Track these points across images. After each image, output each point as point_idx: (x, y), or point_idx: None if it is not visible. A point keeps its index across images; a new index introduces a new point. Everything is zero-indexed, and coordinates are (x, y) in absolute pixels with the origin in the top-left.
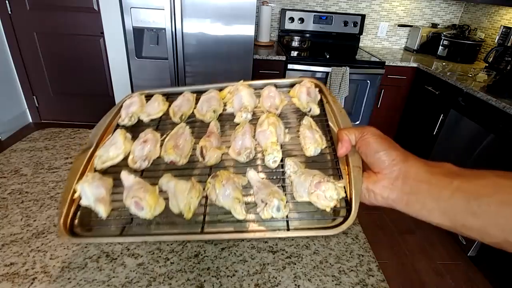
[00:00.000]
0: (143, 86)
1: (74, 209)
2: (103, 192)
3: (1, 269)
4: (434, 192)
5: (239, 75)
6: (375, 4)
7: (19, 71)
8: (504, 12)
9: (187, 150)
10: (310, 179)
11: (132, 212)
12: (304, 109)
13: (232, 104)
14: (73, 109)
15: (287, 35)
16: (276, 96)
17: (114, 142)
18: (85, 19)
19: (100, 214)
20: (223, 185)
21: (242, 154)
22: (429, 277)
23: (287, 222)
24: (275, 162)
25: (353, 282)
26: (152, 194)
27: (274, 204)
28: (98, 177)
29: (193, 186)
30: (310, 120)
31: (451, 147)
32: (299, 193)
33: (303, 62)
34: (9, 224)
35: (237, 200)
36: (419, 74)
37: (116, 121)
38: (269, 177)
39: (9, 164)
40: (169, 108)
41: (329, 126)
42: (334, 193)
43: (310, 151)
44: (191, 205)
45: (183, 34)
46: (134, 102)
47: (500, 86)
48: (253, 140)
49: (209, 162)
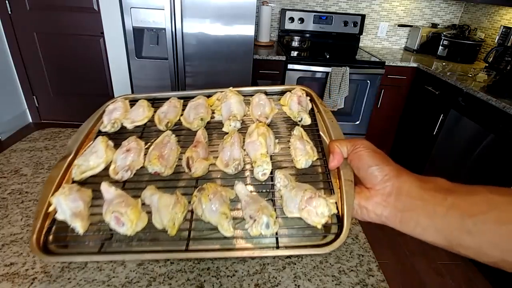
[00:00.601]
0: (143, 86)
1: (48, 223)
2: (81, 206)
3: (1, 269)
4: (428, 209)
5: (239, 75)
6: (375, 4)
7: (19, 71)
8: (504, 12)
9: (173, 161)
10: (301, 194)
11: (112, 227)
12: (295, 118)
13: (220, 112)
14: (73, 109)
15: (287, 35)
16: (266, 104)
17: (95, 150)
18: (85, 19)
19: (77, 230)
20: (209, 199)
21: (231, 166)
22: (429, 277)
23: (276, 239)
24: (264, 175)
25: (353, 282)
26: (134, 209)
27: (263, 221)
28: (75, 189)
29: (177, 200)
30: (301, 131)
31: (451, 147)
32: (290, 209)
33: (303, 62)
34: (9, 224)
35: (225, 215)
36: (419, 74)
37: (97, 127)
38: (258, 190)
39: (9, 164)
40: (155, 115)
41: (320, 136)
42: (325, 210)
43: (301, 164)
44: (175, 221)
45: (183, 34)
46: (118, 107)
47: (500, 86)
48: (242, 150)
49: (195, 173)
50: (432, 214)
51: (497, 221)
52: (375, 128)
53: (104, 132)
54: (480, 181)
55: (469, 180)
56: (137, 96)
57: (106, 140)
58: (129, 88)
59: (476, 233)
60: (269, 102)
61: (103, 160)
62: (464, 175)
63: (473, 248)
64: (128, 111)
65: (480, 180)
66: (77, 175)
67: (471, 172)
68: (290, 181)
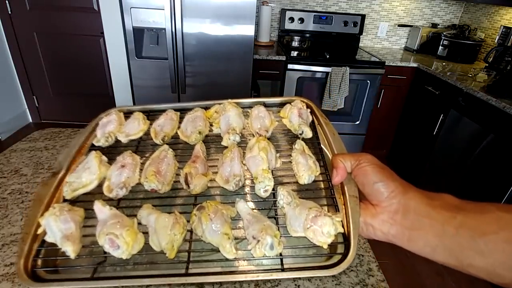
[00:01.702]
0: (143, 86)
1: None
2: (72, 227)
3: (1, 269)
4: (437, 228)
5: (239, 75)
6: (375, 4)
7: (19, 71)
8: (504, 12)
9: (170, 177)
10: (306, 213)
11: (106, 250)
12: (295, 131)
13: (219, 125)
14: (73, 109)
15: (287, 35)
16: (265, 117)
17: (88, 166)
18: (85, 19)
19: (68, 253)
20: (210, 219)
21: (231, 182)
22: (430, 278)
23: (281, 260)
24: (266, 192)
25: (353, 282)
26: (130, 230)
27: (267, 241)
28: (66, 209)
29: (176, 220)
30: (302, 144)
31: (451, 147)
32: (294, 228)
33: (303, 62)
34: (9, 224)
35: (226, 236)
36: (419, 74)
37: (90, 141)
38: (259, 207)
39: (9, 164)
40: (151, 128)
41: (322, 150)
42: (332, 229)
43: (303, 179)
44: (174, 243)
45: (183, 34)
46: (112, 120)
47: (500, 86)
48: (242, 165)
49: (194, 190)
50: (442, 233)
51: (508, 240)
52: (375, 128)
53: (97, 147)
54: (480, 181)
55: (469, 180)
56: (132, 108)
57: (100, 155)
58: (129, 88)
59: (487, 253)
60: (269, 114)
61: (96, 176)
62: (464, 175)
63: (485, 269)
64: (122, 124)
65: (480, 180)
66: (68, 193)
67: (471, 172)
68: (294, 198)
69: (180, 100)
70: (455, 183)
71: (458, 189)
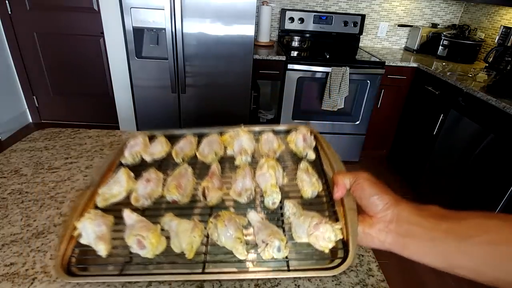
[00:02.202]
0: (143, 86)
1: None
2: (104, 230)
3: (1, 269)
4: (427, 234)
5: (239, 75)
6: (375, 4)
7: (19, 71)
8: (504, 12)
9: (189, 190)
10: (309, 221)
11: (133, 250)
12: (300, 154)
13: (232, 147)
14: (73, 109)
15: (287, 35)
16: (274, 141)
17: (118, 180)
18: (85, 19)
19: (101, 252)
20: (225, 225)
21: (243, 195)
22: (429, 277)
23: (287, 262)
24: (274, 204)
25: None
26: (154, 233)
27: (275, 244)
28: (100, 214)
29: (195, 225)
30: (306, 165)
31: (451, 147)
32: (298, 234)
33: (303, 62)
34: (9, 224)
35: (239, 240)
36: (419, 74)
37: (119, 160)
38: (268, 217)
39: (9, 164)
40: (172, 150)
41: (324, 170)
42: (332, 235)
43: (307, 194)
44: (193, 244)
45: (183, 34)
46: (138, 142)
47: (500, 86)
48: (253, 182)
49: (210, 202)
50: (432, 238)
51: (490, 242)
52: (375, 128)
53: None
54: (480, 181)
55: (469, 180)
56: (154, 132)
57: (128, 171)
58: (129, 88)
59: (472, 254)
60: (277, 139)
61: (124, 189)
62: (464, 175)
63: (471, 269)
64: (147, 145)
65: (480, 180)
66: (101, 202)
67: (471, 172)
68: (298, 209)
69: (180, 100)
70: (455, 183)
71: (458, 189)
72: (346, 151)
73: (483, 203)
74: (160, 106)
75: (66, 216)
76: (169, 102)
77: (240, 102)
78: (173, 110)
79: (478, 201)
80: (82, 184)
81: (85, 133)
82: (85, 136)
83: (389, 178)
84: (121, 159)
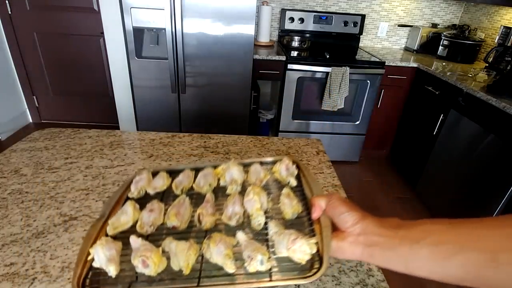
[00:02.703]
0: (143, 86)
1: (86, 270)
2: (114, 254)
3: (1, 269)
4: (388, 242)
5: (239, 75)
6: (375, 4)
7: (19, 71)
8: (504, 12)
9: (187, 217)
10: (288, 237)
11: (138, 270)
12: (284, 181)
13: (224, 179)
14: (73, 109)
15: (287, 35)
16: (260, 172)
17: (125, 211)
18: (85, 19)
19: (111, 272)
20: (217, 244)
21: (233, 219)
22: None
23: (270, 274)
24: (259, 225)
25: (353, 282)
26: (156, 254)
27: (258, 258)
28: (110, 241)
29: (191, 245)
30: (288, 190)
31: (451, 147)
32: (279, 250)
33: (303, 62)
34: (9, 224)
35: (228, 256)
36: (419, 74)
37: (126, 194)
38: (254, 237)
39: (9, 164)
40: (172, 183)
41: (305, 194)
42: (307, 248)
43: (288, 215)
44: (189, 261)
45: (183, 34)
46: (143, 178)
47: (500, 86)
48: (242, 207)
49: (205, 226)
50: (392, 245)
51: (432, 243)
52: (375, 128)
53: (131, 198)
54: (480, 181)
55: (469, 180)
56: (157, 168)
57: (134, 203)
58: (129, 88)
59: (421, 255)
60: (263, 170)
61: (131, 218)
62: (464, 175)
63: (424, 269)
64: (151, 180)
65: (480, 180)
66: (111, 230)
67: (471, 172)
68: (280, 228)
69: (180, 100)
70: (455, 183)
71: (458, 189)
72: (346, 151)
73: (483, 203)
74: (160, 106)
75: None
76: (169, 102)
77: (240, 102)
78: (173, 110)
79: (478, 201)
80: (82, 184)
81: (85, 133)
82: (85, 136)
83: (389, 178)
84: (128, 194)
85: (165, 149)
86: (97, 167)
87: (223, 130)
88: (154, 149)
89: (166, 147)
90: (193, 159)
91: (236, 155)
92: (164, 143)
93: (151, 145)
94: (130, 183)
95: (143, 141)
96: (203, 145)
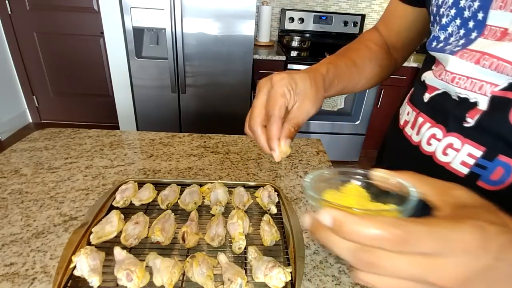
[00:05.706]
0: (143, 86)
1: (66, 278)
2: (98, 264)
3: (1, 269)
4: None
5: (239, 75)
6: (375, 4)
7: (19, 71)
8: None
9: (171, 233)
10: (266, 264)
11: (121, 283)
12: (265, 207)
13: (209, 198)
14: (73, 109)
15: (287, 35)
16: (244, 195)
17: (110, 221)
18: (85, 19)
19: (93, 283)
20: (199, 264)
21: (215, 240)
22: None
23: None
24: (240, 249)
25: (353, 282)
26: (141, 268)
27: (238, 282)
28: (94, 250)
29: (176, 263)
30: (269, 217)
31: None
32: (257, 275)
33: (303, 62)
34: (9, 224)
35: (209, 277)
36: None
37: (110, 202)
38: (234, 260)
39: (9, 164)
40: (158, 196)
41: (283, 223)
42: (283, 276)
43: (267, 242)
44: (173, 279)
45: (183, 34)
46: (129, 188)
47: None
48: (225, 229)
49: (188, 244)
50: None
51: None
52: (375, 128)
53: (116, 207)
54: None
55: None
56: (144, 179)
57: (119, 213)
58: (129, 88)
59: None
60: (247, 193)
61: (115, 229)
62: None
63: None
64: (136, 191)
65: None
66: (94, 239)
67: None
68: (259, 254)
69: (180, 100)
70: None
71: None
72: (346, 151)
73: None
74: (160, 106)
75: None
76: (169, 102)
77: (240, 102)
78: (173, 110)
79: None
80: (82, 184)
81: (85, 133)
82: (85, 136)
83: None
84: (113, 202)
85: (165, 149)
86: (97, 167)
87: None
88: (154, 149)
89: (166, 147)
90: (193, 159)
91: (236, 155)
92: (164, 143)
93: (151, 145)
94: (115, 190)
95: (143, 141)
96: (203, 145)
